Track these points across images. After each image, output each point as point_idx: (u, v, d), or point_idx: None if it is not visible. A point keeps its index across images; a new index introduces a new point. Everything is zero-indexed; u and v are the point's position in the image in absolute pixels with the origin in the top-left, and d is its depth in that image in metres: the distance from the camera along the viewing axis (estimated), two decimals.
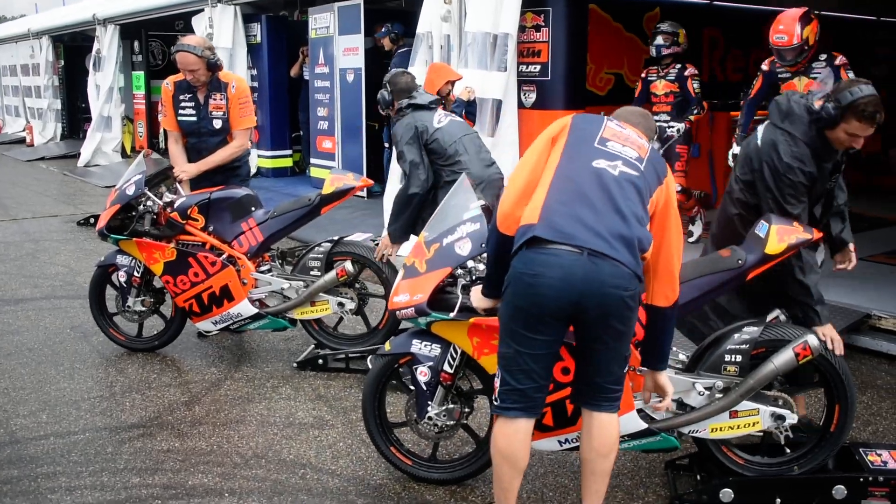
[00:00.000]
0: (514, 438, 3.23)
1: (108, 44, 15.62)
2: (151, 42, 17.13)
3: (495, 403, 3.26)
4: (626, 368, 3.29)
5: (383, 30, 10.66)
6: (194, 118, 5.94)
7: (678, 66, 7.92)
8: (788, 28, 6.11)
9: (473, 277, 3.61)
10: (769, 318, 3.76)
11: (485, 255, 3.55)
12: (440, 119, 5.44)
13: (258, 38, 13.02)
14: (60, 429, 4.59)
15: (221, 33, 12.53)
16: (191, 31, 12.75)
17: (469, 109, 7.28)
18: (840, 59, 6.16)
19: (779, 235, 3.63)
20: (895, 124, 11.15)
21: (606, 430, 3.26)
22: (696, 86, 7.85)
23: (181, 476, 4.07)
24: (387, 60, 10.69)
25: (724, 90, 10.36)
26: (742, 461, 3.80)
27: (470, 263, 3.55)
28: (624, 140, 3.25)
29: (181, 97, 5.93)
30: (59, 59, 20.34)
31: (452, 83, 6.96)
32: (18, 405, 4.91)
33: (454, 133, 5.39)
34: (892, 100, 11.37)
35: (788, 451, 3.79)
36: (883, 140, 10.98)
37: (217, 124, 5.94)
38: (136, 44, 17.02)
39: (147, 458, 4.26)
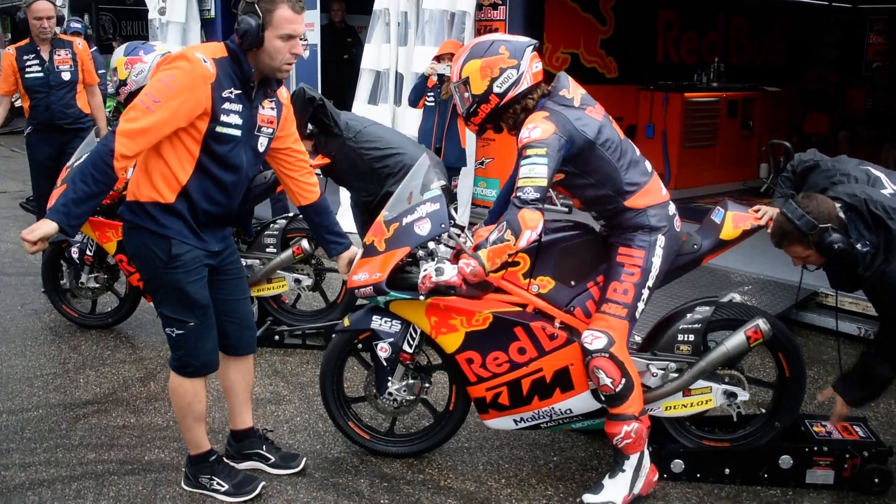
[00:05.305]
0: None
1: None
2: (102, 16, 16.81)
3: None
4: None
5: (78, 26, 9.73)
6: (41, 73, 6.44)
7: None
8: (457, 56, 3.64)
9: (436, 257, 3.60)
10: (724, 299, 3.84)
11: (445, 235, 3.57)
12: None
13: (212, 13, 12.81)
14: (13, 406, 4.54)
15: (174, 7, 12.30)
16: (143, 4, 12.51)
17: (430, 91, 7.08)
18: (524, 137, 3.36)
19: (734, 222, 3.73)
20: (842, 107, 11.43)
21: (251, 365, 3.84)
22: None
23: (137, 451, 4.06)
24: (349, 39, 10.61)
25: (677, 72, 10.47)
26: (693, 435, 3.89)
27: (431, 244, 3.56)
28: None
29: (25, 58, 6.44)
30: (5, 33, 19.83)
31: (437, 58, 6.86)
32: None
33: None
34: (841, 83, 11.67)
35: (733, 429, 3.89)
36: (831, 123, 11.20)
37: (66, 76, 6.52)
38: (86, 17, 16.67)
39: (102, 434, 4.24)
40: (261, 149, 3.48)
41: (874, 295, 3.50)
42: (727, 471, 3.79)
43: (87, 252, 5.54)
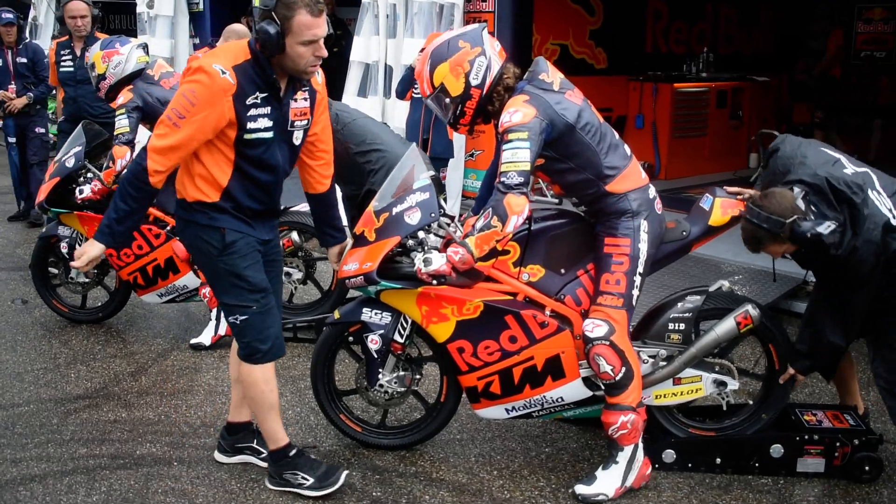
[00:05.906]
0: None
1: (44, 11, 15.19)
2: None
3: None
4: None
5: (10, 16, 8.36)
6: (71, 68, 7.02)
7: None
8: (419, 71, 3.65)
9: (426, 247, 3.61)
10: (712, 288, 3.85)
11: (435, 224, 3.57)
12: None
13: (200, 7, 12.75)
14: (4, 401, 4.53)
15: (163, 1, 12.27)
16: None
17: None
18: (504, 121, 3.38)
19: (722, 208, 3.74)
20: (829, 97, 11.38)
21: None
22: None
23: (129, 446, 4.05)
24: (339, 32, 10.55)
25: (667, 62, 10.46)
26: (680, 423, 3.91)
27: (421, 234, 3.56)
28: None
29: (62, 53, 7.08)
30: None
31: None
32: None
33: None
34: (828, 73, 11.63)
35: (721, 419, 3.93)
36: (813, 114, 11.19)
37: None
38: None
39: (94, 428, 4.23)
40: (296, 142, 3.47)
41: (843, 268, 3.48)
42: (718, 460, 3.81)
43: (77, 246, 5.51)
